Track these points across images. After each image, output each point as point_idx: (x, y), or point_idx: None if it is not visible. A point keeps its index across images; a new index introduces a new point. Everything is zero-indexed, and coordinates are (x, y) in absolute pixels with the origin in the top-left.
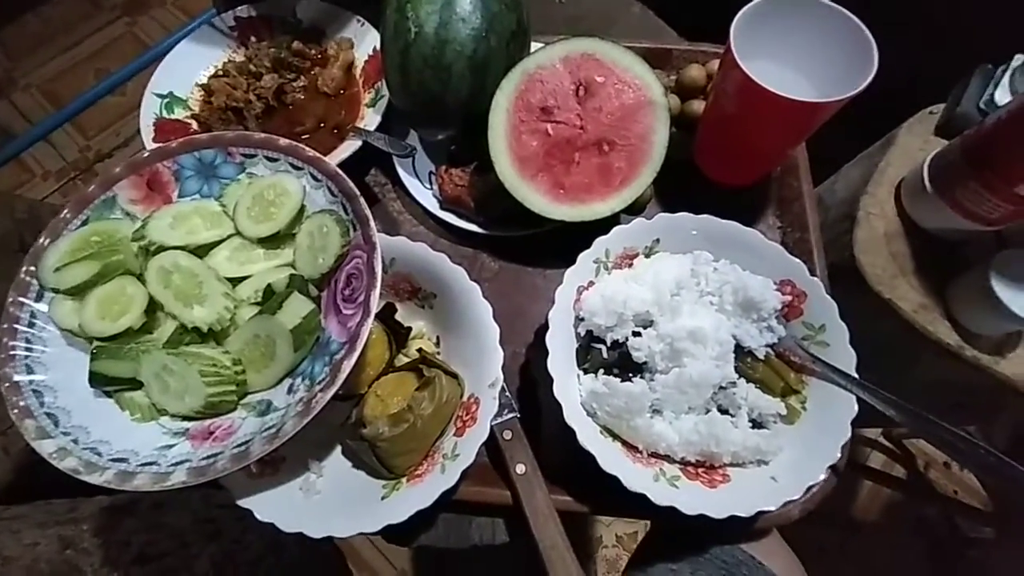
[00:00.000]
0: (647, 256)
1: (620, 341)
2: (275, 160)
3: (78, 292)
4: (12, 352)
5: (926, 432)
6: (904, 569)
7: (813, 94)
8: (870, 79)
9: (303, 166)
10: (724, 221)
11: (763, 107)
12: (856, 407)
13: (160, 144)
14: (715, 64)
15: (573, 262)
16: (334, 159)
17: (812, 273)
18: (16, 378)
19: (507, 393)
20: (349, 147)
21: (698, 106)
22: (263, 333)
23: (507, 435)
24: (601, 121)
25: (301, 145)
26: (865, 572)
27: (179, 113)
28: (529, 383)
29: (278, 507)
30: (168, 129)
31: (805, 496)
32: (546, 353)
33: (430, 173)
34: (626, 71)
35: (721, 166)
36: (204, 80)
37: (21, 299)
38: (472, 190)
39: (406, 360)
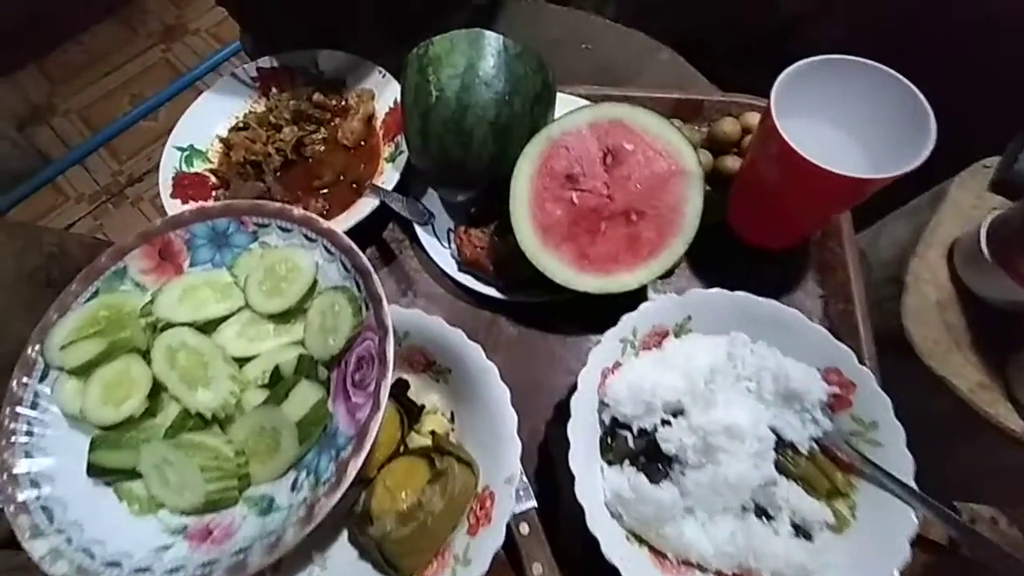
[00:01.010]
0: (677, 335)
1: (648, 429)
2: (288, 231)
3: (83, 371)
4: (12, 439)
5: (996, 562)
6: None
7: (862, 159)
8: (927, 153)
9: (317, 238)
10: (763, 300)
11: (806, 179)
12: (916, 521)
13: (175, 206)
14: (751, 117)
15: (596, 329)
16: (352, 218)
17: (860, 359)
18: (15, 470)
19: (524, 478)
20: (367, 205)
21: (732, 163)
22: (268, 424)
23: (524, 529)
24: (629, 190)
25: (315, 217)
26: None
27: (198, 166)
28: (547, 462)
29: None
30: (187, 183)
31: None
32: (567, 438)
33: (449, 231)
34: (657, 139)
35: (756, 229)
36: (225, 131)
37: (26, 379)
38: (491, 253)
39: (418, 439)
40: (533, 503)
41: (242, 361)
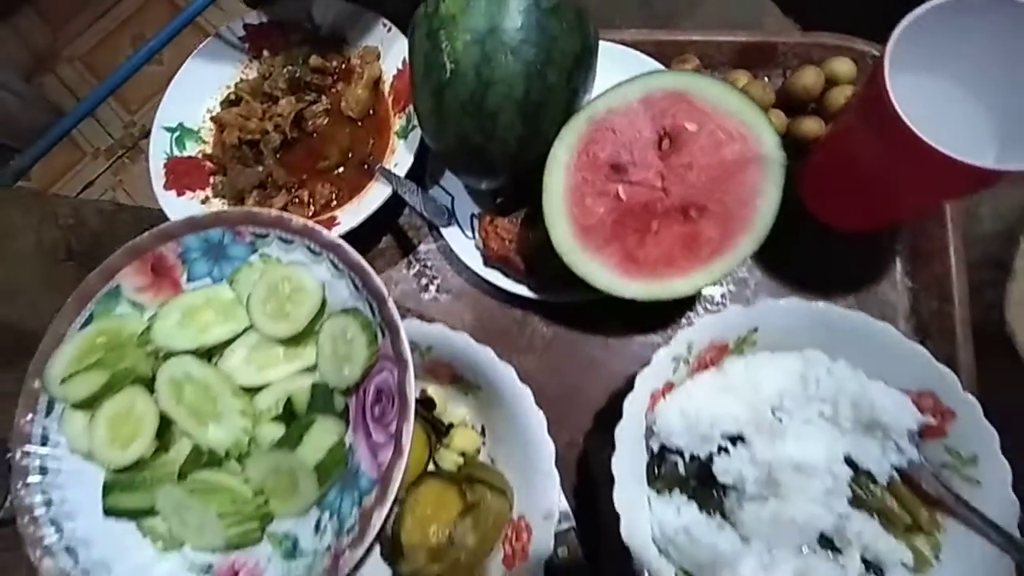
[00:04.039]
0: (740, 350)
1: (702, 457)
2: (290, 242)
3: (87, 405)
4: (28, 479)
5: None
6: None
7: (987, 128)
8: None
9: (321, 251)
10: (847, 312)
11: (923, 166)
12: (1012, 573)
13: (169, 199)
14: (838, 65)
15: (641, 329)
16: (361, 212)
17: (955, 368)
18: (36, 512)
19: (561, 497)
20: (378, 193)
21: (811, 126)
22: (284, 467)
23: (562, 552)
24: (689, 181)
25: (317, 228)
26: None
27: (192, 148)
28: (585, 477)
29: None
30: (180, 169)
31: None
32: (611, 472)
33: (473, 216)
34: (727, 117)
35: (837, 210)
36: (216, 104)
37: (31, 416)
38: (521, 246)
39: (447, 455)
40: (572, 523)
41: (252, 390)
